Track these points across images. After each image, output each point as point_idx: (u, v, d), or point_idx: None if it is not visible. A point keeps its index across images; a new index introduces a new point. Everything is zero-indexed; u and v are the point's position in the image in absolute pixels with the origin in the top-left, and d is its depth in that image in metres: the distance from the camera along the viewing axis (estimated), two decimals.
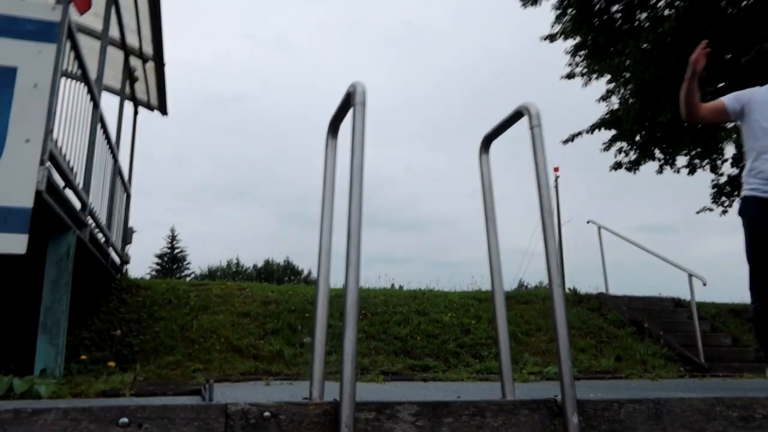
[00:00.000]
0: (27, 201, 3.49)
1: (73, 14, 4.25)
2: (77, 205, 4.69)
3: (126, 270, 7.67)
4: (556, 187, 14.45)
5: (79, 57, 4.33)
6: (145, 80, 7.54)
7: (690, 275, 6.90)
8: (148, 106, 8.24)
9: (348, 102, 2.08)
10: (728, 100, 3.35)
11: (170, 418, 1.56)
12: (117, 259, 7.11)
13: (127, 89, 7.33)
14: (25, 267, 4.86)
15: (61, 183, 4.19)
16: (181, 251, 47.44)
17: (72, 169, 4.46)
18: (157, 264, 44.89)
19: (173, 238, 47.17)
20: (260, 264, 47.21)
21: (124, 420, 1.51)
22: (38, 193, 3.55)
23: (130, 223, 7.97)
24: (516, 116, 2.21)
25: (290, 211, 76.82)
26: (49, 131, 3.66)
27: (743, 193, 3.25)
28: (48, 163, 3.66)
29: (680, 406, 2.02)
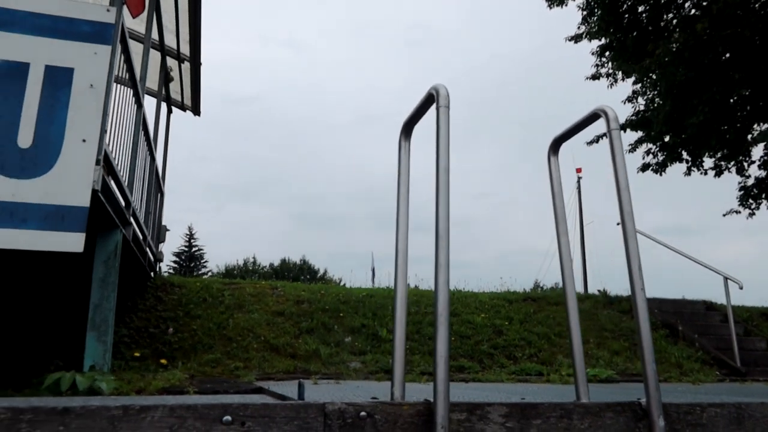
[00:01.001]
0: (84, 200, 3.54)
1: (126, 17, 4.31)
2: (121, 202, 4.75)
3: (159, 268, 7.76)
4: (579, 188, 14.40)
5: (128, 59, 4.39)
6: (180, 81, 7.61)
7: (726, 278, 6.83)
8: (182, 107, 8.32)
9: (426, 104, 2.10)
10: None
11: (271, 416, 1.58)
12: (152, 258, 7.19)
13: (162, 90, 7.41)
14: (69, 265, 4.94)
15: (110, 181, 4.25)
16: (199, 250, 47.75)
17: (119, 167, 4.52)
18: (175, 262, 45.20)
19: (191, 236, 47.46)
20: (276, 263, 47.43)
21: (228, 418, 1.54)
22: (93, 192, 3.61)
23: (163, 222, 8.06)
24: (592, 118, 2.21)
25: (303, 211, 77.10)
26: (104, 131, 3.72)
27: None
28: (102, 163, 3.72)
29: (761, 411, 2.01)
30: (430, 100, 2.04)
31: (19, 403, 1.50)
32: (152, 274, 7.31)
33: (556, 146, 2.44)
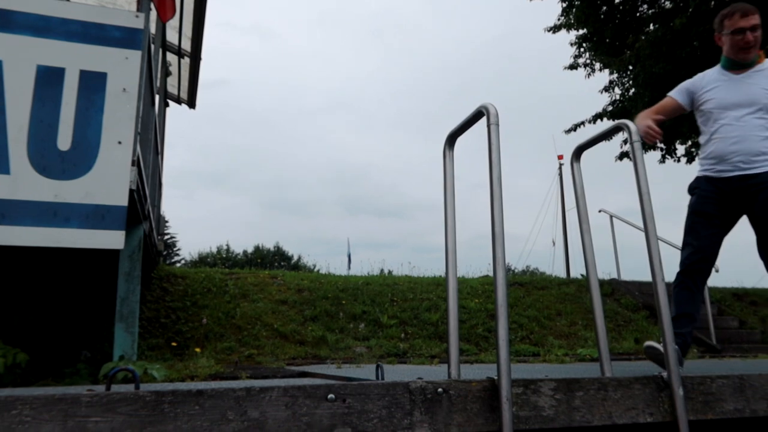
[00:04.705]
0: (122, 200, 3.74)
1: (153, 21, 4.47)
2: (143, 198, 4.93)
3: (161, 260, 7.92)
4: (560, 174, 14.90)
5: (150, 62, 4.55)
6: (179, 75, 7.74)
7: None
8: (177, 100, 8.44)
9: (474, 119, 2.38)
10: (677, 94, 3.33)
11: (366, 393, 1.86)
12: (155, 249, 7.35)
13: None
14: (93, 259, 5.11)
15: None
16: (171, 237, 47.29)
17: (142, 164, 4.70)
18: None
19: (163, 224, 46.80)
20: (250, 250, 47.24)
21: (332, 396, 1.82)
22: (130, 192, 3.81)
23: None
24: (614, 131, 2.52)
25: (272, 197, 77.11)
26: (137, 133, 3.91)
27: (697, 173, 3.26)
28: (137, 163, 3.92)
29: (759, 381, 2.37)
30: (478, 116, 2.32)
31: (160, 388, 1.76)
32: (155, 265, 7.47)
33: (578, 154, 2.74)
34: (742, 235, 3.38)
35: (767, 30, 3.88)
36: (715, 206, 3.03)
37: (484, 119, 2.27)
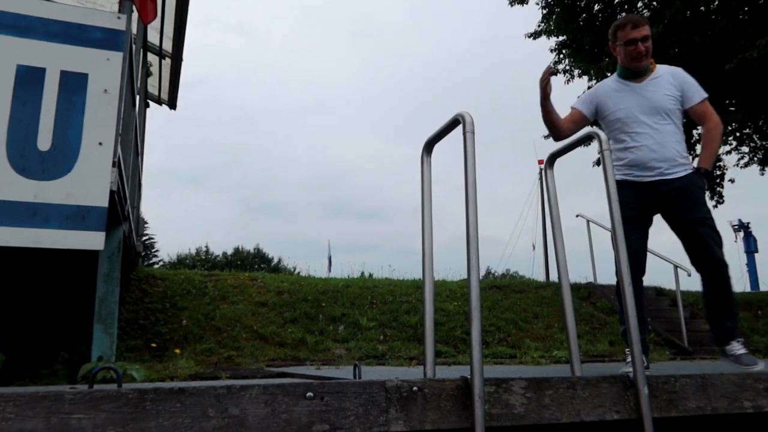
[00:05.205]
0: (103, 201, 3.76)
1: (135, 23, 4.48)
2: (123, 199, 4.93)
3: (139, 261, 7.88)
4: (540, 179, 15.08)
5: (131, 64, 4.56)
6: (159, 76, 7.73)
7: (676, 267, 7.47)
8: (158, 101, 8.42)
9: (450, 127, 2.45)
10: (581, 105, 3.38)
11: (344, 392, 1.92)
12: (134, 251, 7.32)
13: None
14: (71, 260, 5.09)
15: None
16: (150, 238, 46.81)
17: (122, 165, 4.70)
18: None
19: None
20: (229, 251, 46.94)
21: (310, 394, 1.87)
22: (110, 193, 3.82)
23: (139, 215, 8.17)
24: (586, 138, 2.61)
25: (252, 199, 76.90)
26: (119, 134, 3.92)
27: (616, 178, 3.07)
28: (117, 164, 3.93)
29: (720, 380, 2.47)
30: (454, 124, 2.39)
31: (143, 386, 1.80)
32: (134, 267, 7.44)
33: (551, 161, 2.83)
34: None
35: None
36: (637, 211, 3.13)
37: (460, 127, 2.34)
